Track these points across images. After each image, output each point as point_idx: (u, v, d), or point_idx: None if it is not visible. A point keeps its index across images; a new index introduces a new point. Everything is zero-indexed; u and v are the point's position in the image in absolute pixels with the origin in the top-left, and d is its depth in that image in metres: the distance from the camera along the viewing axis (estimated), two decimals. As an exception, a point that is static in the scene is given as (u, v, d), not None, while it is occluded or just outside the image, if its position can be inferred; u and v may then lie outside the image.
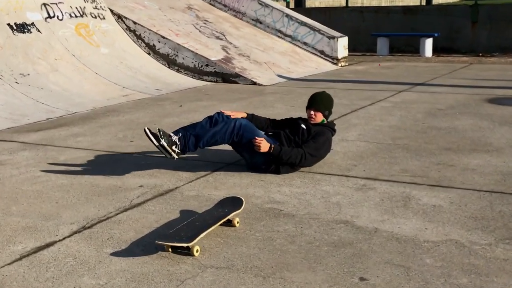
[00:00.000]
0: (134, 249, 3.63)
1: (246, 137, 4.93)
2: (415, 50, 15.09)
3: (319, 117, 5.27)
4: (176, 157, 4.86)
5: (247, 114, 5.42)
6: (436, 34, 14.95)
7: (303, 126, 5.19)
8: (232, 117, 5.16)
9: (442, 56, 14.67)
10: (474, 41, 14.98)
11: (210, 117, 5.24)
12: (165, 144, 4.76)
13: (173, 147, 4.83)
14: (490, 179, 4.82)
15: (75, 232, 3.91)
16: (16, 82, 8.57)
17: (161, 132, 4.78)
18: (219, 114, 5.24)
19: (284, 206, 4.30)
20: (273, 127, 5.46)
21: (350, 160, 5.48)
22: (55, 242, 3.77)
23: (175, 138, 4.89)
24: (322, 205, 4.31)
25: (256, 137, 4.84)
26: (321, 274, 3.25)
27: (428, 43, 14.81)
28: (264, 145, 4.78)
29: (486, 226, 3.85)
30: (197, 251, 3.51)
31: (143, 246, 3.65)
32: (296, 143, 5.11)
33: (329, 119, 5.50)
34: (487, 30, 14.89)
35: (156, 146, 4.79)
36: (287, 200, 4.44)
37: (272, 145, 4.86)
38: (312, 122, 5.27)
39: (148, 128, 4.81)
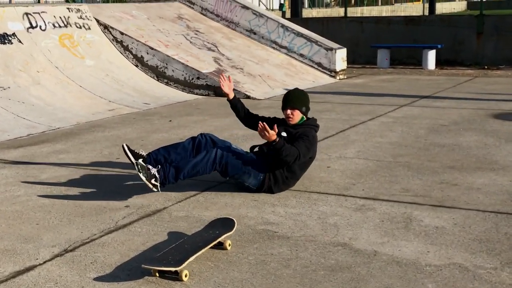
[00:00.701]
0: (119, 273, 3.61)
1: (232, 165, 4.92)
2: (418, 62, 15.14)
3: (297, 116, 5.20)
4: (156, 190, 4.74)
5: (233, 97, 5.52)
6: (439, 46, 14.99)
7: (283, 134, 5.10)
8: (224, 89, 5.38)
9: (446, 68, 14.72)
10: (479, 53, 15.04)
11: (193, 138, 5.28)
12: (144, 179, 4.66)
13: (152, 181, 4.69)
14: (496, 199, 4.82)
15: (57, 256, 3.88)
16: (-4, 96, 8.57)
17: (139, 166, 4.68)
18: (203, 136, 5.26)
19: (278, 228, 4.29)
20: (250, 119, 5.54)
21: (349, 179, 5.46)
22: (35, 266, 3.75)
23: (153, 171, 4.74)
24: (318, 227, 4.29)
25: (260, 122, 4.76)
26: (317, 300, 3.25)
27: (431, 55, 14.85)
28: (271, 134, 4.69)
29: (492, 249, 3.84)
30: (185, 275, 3.50)
31: (129, 271, 3.64)
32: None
33: (309, 115, 5.39)
34: (493, 41, 14.95)
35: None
36: (282, 221, 4.43)
37: (277, 138, 4.76)
38: (291, 122, 5.21)
39: (126, 146, 4.93)
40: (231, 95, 5.48)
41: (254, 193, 5.08)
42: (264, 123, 4.71)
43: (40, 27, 10.49)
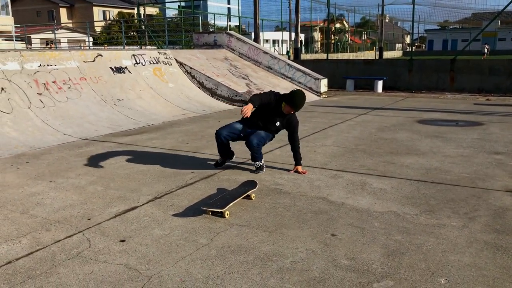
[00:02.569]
0: (187, 212, 3.66)
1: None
2: (371, 88, 14.94)
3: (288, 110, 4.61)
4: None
5: (254, 106, 4.46)
6: (385, 78, 14.82)
7: (277, 124, 4.69)
8: (248, 113, 4.31)
9: (388, 92, 14.53)
10: (410, 83, 14.79)
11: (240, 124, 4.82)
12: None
13: (262, 162, 4.78)
14: (417, 173, 4.79)
15: (150, 201, 3.94)
16: (115, 104, 8.65)
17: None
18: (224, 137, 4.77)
19: (283, 187, 4.31)
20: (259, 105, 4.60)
21: (327, 158, 5.46)
22: (137, 206, 3.82)
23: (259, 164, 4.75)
24: (308, 187, 4.31)
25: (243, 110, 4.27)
26: (306, 231, 3.25)
27: (380, 83, 14.65)
28: (247, 107, 4.32)
29: (414, 203, 3.83)
30: (227, 214, 3.54)
31: (193, 210, 3.68)
32: (267, 128, 4.75)
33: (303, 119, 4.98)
34: (418, 75, 14.71)
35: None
36: (285, 183, 4.44)
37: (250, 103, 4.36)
38: (286, 113, 4.63)
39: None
40: (252, 107, 4.38)
41: (269, 164, 5.07)
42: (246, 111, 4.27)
43: (141, 63, 10.55)
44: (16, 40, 28.04)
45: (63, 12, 49.16)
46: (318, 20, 48.30)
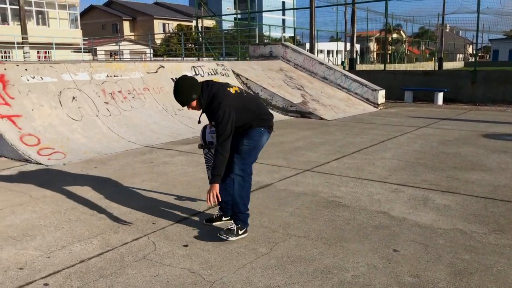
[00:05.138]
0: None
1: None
2: (431, 100, 14.44)
3: (195, 105, 3.21)
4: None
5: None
6: (446, 89, 14.26)
7: (213, 125, 3.24)
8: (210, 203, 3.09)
9: (450, 104, 13.96)
10: (473, 95, 14.13)
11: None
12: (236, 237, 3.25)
13: (240, 232, 3.29)
14: (484, 189, 4.56)
15: (210, 208, 3.98)
16: (175, 114, 8.95)
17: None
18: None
19: (342, 200, 4.26)
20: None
21: (387, 172, 5.34)
22: (198, 212, 3.92)
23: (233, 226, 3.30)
24: (367, 200, 4.23)
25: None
26: (367, 245, 3.20)
27: (440, 95, 14.12)
28: (213, 195, 3.09)
29: (482, 221, 3.65)
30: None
31: (252, 219, 3.71)
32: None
33: (205, 94, 3.15)
34: (482, 87, 14.02)
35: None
36: (344, 196, 4.39)
37: (212, 182, 3.12)
38: (197, 110, 3.28)
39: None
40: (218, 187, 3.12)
41: (327, 176, 5.04)
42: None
43: (200, 74, 10.87)
44: (84, 52, 29.89)
45: (126, 25, 51.85)
46: (374, 30, 47.40)
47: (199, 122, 3.32)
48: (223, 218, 3.63)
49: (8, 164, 5.81)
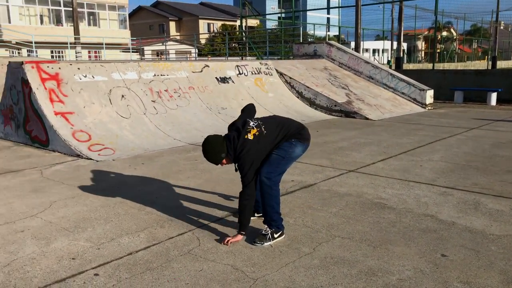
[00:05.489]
0: (288, 220, 3.69)
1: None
2: (483, 100, 13.81)
3: (226, 162, 3.33)
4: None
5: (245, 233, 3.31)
6: (499, 90, 13.58)
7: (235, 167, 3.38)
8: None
9: (504, 105, 13.29)
10: (530, 95, 13.44)
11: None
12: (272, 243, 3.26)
13: (275, 235, 3.30)
14: (542, 195, 4.32)
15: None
16: (219, 113, 9.08)
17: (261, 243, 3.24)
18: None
19: (388, 202, 4.17)
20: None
21: (435, 174, 5.16)
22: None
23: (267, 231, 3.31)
24: (414, 203, 4.12)
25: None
26: (413, 249, 3.12)
27: (493, 96, 13.46)
28: (238, 239, 3.27)
29: (539, 228, 3.46)
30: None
31: (294, 219, 3.73)
32: None
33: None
34: (540, 87, 13.30)
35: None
36: (390, 197, 4.30)
37: (241, 233, 3.29)
38: (227, 164, 3.38)
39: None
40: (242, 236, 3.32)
41: (372, 177, 4.95)
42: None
43: (244, 74, 10.96)
44: (132, 52, 30.92)
45: (172, 25, 53.13)
46: (422, 28, 45.88)
47: (236, 170, 3.41)
48: (255, 214, 3.66)
49: (61, 158, 6.12)
